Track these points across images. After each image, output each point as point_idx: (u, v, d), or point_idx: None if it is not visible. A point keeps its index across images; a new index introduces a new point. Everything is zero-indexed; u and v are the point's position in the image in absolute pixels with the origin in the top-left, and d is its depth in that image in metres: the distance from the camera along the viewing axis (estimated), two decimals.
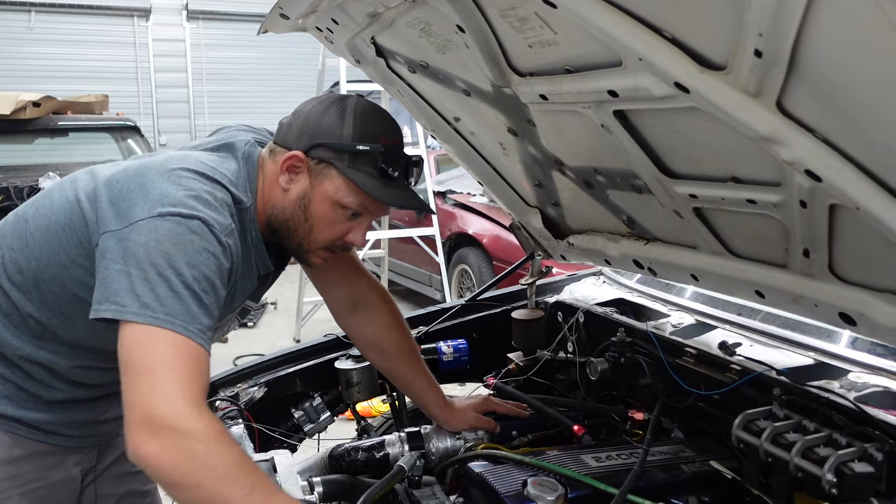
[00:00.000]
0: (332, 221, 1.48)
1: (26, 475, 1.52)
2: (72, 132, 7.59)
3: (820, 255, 1.33)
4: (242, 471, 1.19)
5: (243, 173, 1.47)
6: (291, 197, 1.47)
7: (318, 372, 2.15)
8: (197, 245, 1.29)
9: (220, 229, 1.33)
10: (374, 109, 1.49)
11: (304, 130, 1.45)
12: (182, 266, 1.26)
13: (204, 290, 1.28)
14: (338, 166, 1.43)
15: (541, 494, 1.42)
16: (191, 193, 1.33)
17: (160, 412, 1.16)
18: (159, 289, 1.23)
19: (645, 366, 1.88)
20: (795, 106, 1.05)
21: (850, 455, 1.31)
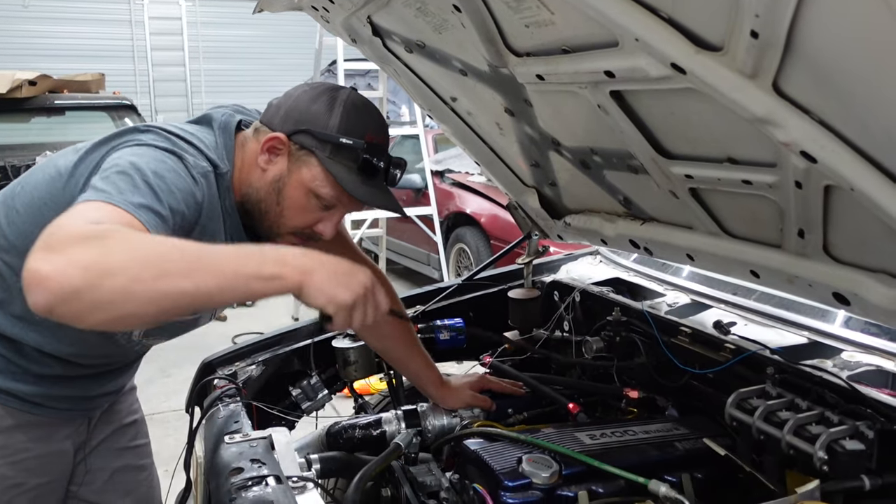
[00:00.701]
0: (303, 209, 1.46)
1: (15, 445, 1.54)
2: (68, 111, 7.55)
3: (814, 236, 1.34)
4: (172, 245, 1.12)
5: (220, 142, 1.46)
6: (267, 178, 1.45)
7: (316, 350, 2.15)
8: (169, 165, 1.30)
9: (193, 164, 1.34)
10: (365, 105, 1.48)
11: (290, 114, 1.44)
12: (148, 172, 1.25)
13: (166, 193, 1.25)
14: (318, 155, 1.42)
15: (535, 471, 1.44)
16: (167, 144, 1.34)
17: (53, 231, 1.06)
18: (119, 182, 1.21)
19: (640, 345, 1.89)
20: (791, 87, 1.05)
21: (842, 433, 1.33)
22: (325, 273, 1.16)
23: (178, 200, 1.29)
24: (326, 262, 1.17)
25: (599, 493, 1.45)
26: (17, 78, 6.91)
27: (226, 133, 1.48)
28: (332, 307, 1.17)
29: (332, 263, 1.18)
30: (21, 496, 1.56)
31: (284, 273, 1.13)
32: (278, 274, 1.12)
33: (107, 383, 1.69)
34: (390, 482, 1.64)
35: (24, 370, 1.52)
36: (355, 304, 1.18)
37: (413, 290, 2.49)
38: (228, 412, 1.77)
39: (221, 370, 2.04)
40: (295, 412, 2.10)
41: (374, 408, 2.23)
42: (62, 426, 1.63)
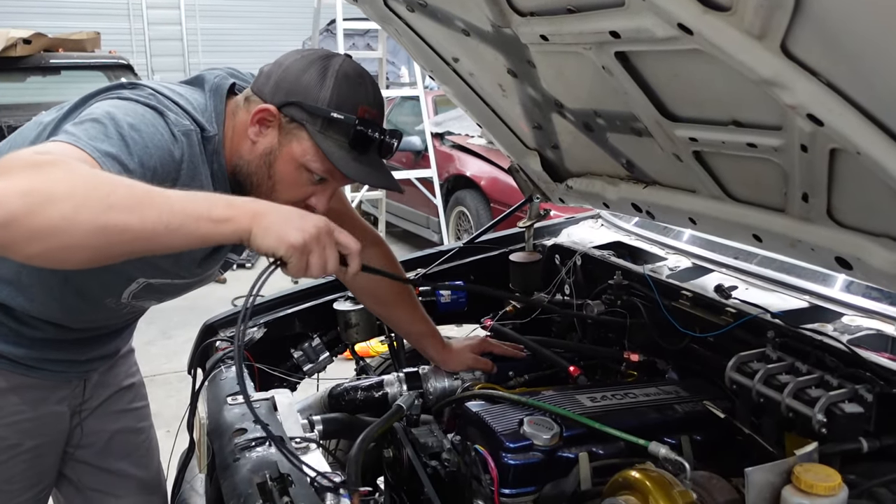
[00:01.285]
0: (295, 183, 1.42)
1: (9, 407, 1.54)
2: (64, 70, 7.47)
3: (819, 200, 1.33)
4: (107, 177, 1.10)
5: (210, 105, 1.42)
6: (258, 151, 1.41)
7: (317, 313, 2.16)
8: (147, 119, 1.27)
9: (175, 122, 1.30)
10: (359, 75, 1.41)
11: (280, 84, 1.39)
12: (123, 123, 1.22)
13: (139, 146, 1.22)
14: (309, 129, 1.37)
15: (536, 433, 1.46)
16: (150, 100, 1.31)
17: (13, 158, 1.04)
18: (90, 128, 1.20)
19: (641, 308, 1.90)
20: (800, 49, 1.04)
21: (841, 396, 1.34)
22: (277, 216, 1.14)
23: (151, 155, 1.23)
24: (279, 207, 1.16)
25: (600, 454, 1.47)
26: (12, 36, 6.83)
27: (217, 96, 1.43)
28: (283, 249, 1.14)
29: (285, 209, 1.16)
30: (17, 457, 1.58)
31: (234, 215, 1.11)
32: (228, 216, 1.11)
33: (100, 347, 1.69)
34: (392, 443, 1.65)
35: (16, 333, 1.51)
36: (308, 247, 1.16)
37: (413, 253, 2.49)
38: (231, 374, 1.78)
39: (223, 332, 2.05)
40: (296, 374, 2.12)
41: (375, 370, 2.24)
42: (57, 388, 1.63)
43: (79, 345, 1.62)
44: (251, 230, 1.12)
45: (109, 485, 1.81)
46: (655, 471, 1.31)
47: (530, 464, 1.43)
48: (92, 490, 1.80)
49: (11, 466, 1.57)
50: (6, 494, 1.57)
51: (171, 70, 12.86)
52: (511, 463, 1.42)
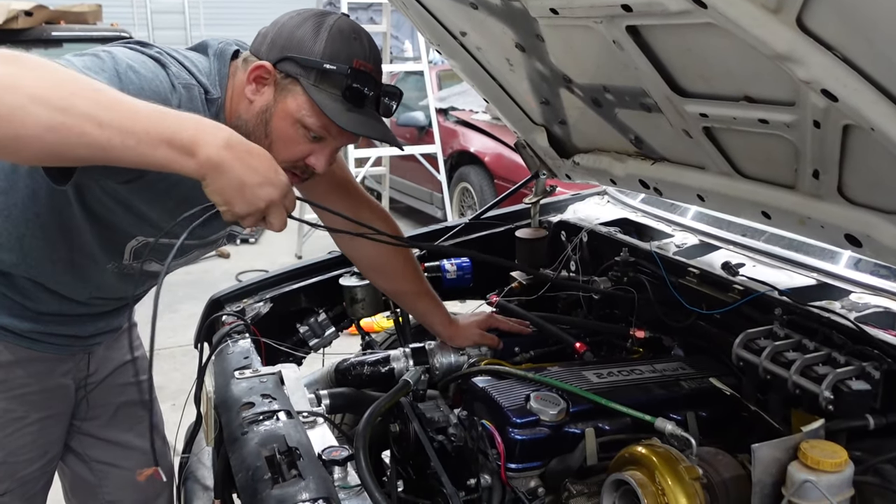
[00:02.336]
0: (292, 140, 1.40)
1: (15, 380, 1.55)
2: (66, 43, 7.40)
3: (830, 177, 1.33)
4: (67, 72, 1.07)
5: (214, 68, 1.42)
6: (255, 109, 1.40)
7: (323, 288, 2.16)
8: (148, 66, 1.27)
9: (176, 74, 1.30)
10: (353, 30, 1.40)
11: (275, 41, 1.38)
12: (121, 63, 1.23)
13: (133, 86, 1.22)
14: (303, 83, 1.35)
15: (543, 408, 1.46)
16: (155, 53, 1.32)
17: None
18: (88, 60, 1.21)
19: (648, 285, 1.89)
20: (816, 23, 1.03)
21: (848, 373, 1.34)
22: (232, 177, 1.10)
23: (146, 98, 1.16)
24: (242, 161, 1.11)
25: (606, 430, 1.48)
26: (13, 8, 6.76)
27: (221, 60, 1.43)
28: (228, 214, 1.14)
29: (248, 168, 1.11)
30: (23, 429, 1.59)
31: (197, 152, 1.07)
32: (191, 150, 1.07)
33: (105, 321, 1.69)
34: (399, 418, 1.66)
35: (21, 306, 1.52)
36: (251, 218, 1.16)
37: (416, 228, 2.49)
38: (238, 348, 1.79)
39: (229, 307, 2.05)
40: (302, 349, 2.12)
41: (380, 345, 2.25)
42: (61, 362, 1.64)
43: (83, 319, 1.63)
44: (205, 179, 1.10)
45: (115, 456, 1.83)
46: (662, 446, 1.32)
47: (537, 439, 1.43)
48: (97, 462, 1.82)
49: (17, 438, 1.58)
50: (12, 466, 1.58)
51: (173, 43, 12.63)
52: (517, 438, 1.43)
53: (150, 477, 1.89)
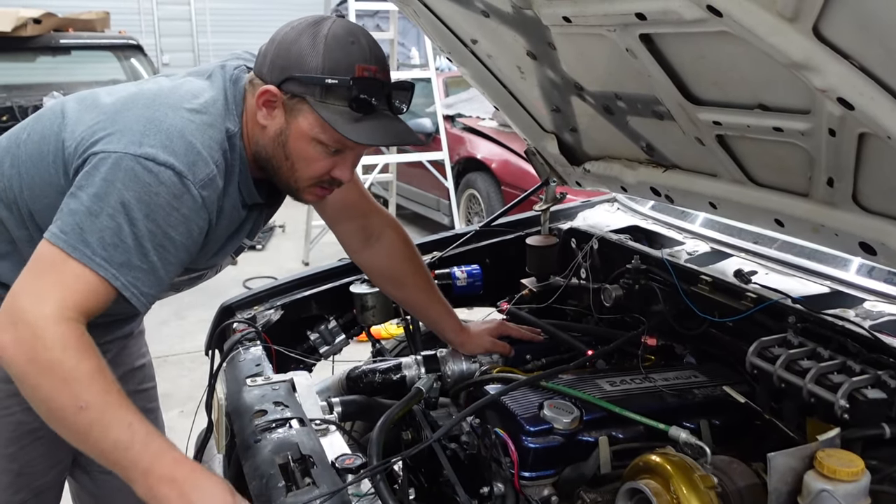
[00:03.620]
0: (312, 158, 1.40)
1: None
2: (74, 50, 7.45)
3: (844, 185, 1.32)
4: (82, 386, 1.19)
5: (230, 98, 1.40)
6: (269, 134, 1.40)
7: (334, 295, 2.16)
8: (163, 199, 1.25)
9: (194, 180, 1.28)
10: (349, 34, 1.36)
11: (276, 61, 1.36)
12: (139, 218, 1.24)
13: (158, 245, 1.26)
14: (310, 102, 1.34)
15: (556, 416, 1.46)
16: (173, 133, 1.28)
17: (25, 308, 1.19)
18: (105, 233, 1.23)
19: (659, 293, 1.89)
20: (832, 31, 1.02)
21: (864, 382, 1.34)
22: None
23: (175, 242, 1.28)
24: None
25: (620, 438, 1.47)
26: (22, 16, 6.80)
27: (236, 87, 1.42)
28: None
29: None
30: (37, 441, 1.59)
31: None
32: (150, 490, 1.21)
33: (116, 330, 1.70)
34: (411, 426, 1.66)
35: None
36: None
37: (424, 235, 2.49)
38: (250, 356, 1.79)
39: (240, 314, 2.06)
40: (313, 356, 2.12)
41: (390, 352, 2.24)
42: None
43: (96, 329, 1.62)
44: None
45: None
46: (676, 455, 1.32)
47: (550, 447, 1.43)
48: (101, 473, 1.82)
49: (32, 450, 1.58)
50: (28, 477, 1.59)
51: (180, 50, 12.82)
52: (531, 446, 1.42)
53: None
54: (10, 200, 1.44)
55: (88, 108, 1.38)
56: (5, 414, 1.53)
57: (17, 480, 1.56)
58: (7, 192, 1.44)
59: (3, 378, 1.50)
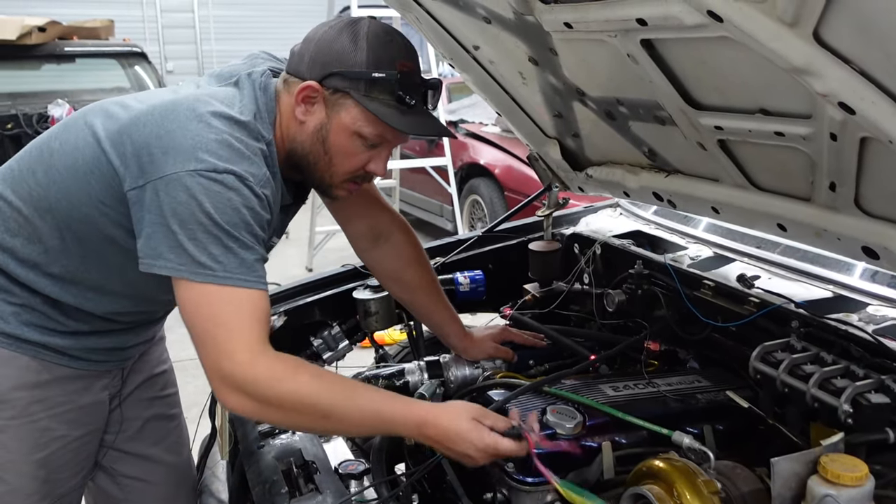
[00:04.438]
0: (351, 153, 1.45)
1: (55, 398, 1.56)
2: (79, 58, 7.47)
3: (846, 189, 1.32)
4: (312, 403, 1.29)
5: (262, 106, 1.43)
6: (308, 129, 1.43)
7: (337, 301, 2.17)
8: (235, 202, 1.29)
9: (254, 181, 1.33)
10: (388, 32, 1.43)
11: (316, 58, 1.40)
12: (224, 224, 1.28)
13: (251, 237, 1.32)
14: (354, 96, 1.38)
15: (559, 422, 1.46)
16: (223, 143, 1.31)
17: (227, 372, 1.27)
18: (211, 247, 1.27)
19: (662, 298, 1.89)
20: (833, 36, 1.03)
21: (867, 386, 1.33)
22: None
23: (258, 234, 1.34)
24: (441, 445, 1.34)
25: (623, 443, 1.47)
26: (27, 24, 6.83)
27: (266, 95, 1.44)
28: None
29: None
30: (65, 447, 1.59)
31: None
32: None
33: (142, 333, 1.70)
34: None
35: (62, 325, 1.53)
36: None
37: (427, 242, 2.49)
38: None
39: None
40: (316, 362, 2.12)
41: (393, 358, 2.25)
42: (99, 377, 1.64)
43: (122, 333, 1.64)
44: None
45: (142, 471, 1.82)
46: (679, 460, 1.31)
47: (553, 452, 1.43)
48: (125, 477, 1.81)
49: (60, 456, 1.59)
50: (53, 484, 1.59)
51: (184, 58, 12.85)
52: (534, 451, 1.42)
53: (176, 491, 1.90)
54: (45, 209, 1.45)
55: (126, 124, 1.37)
56: (30, 421, 1.53)
57: (43, 487, 1.56)
58: (42, 202, 1.45)
59: (25, 385, 1.52)
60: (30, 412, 1.53)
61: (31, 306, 1.51)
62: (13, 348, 1.50)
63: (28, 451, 1.54)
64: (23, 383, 1.52)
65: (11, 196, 1.48)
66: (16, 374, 1.51)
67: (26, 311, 1.50)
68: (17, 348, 1.50)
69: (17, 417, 1.52)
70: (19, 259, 1.48)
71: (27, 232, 1.47)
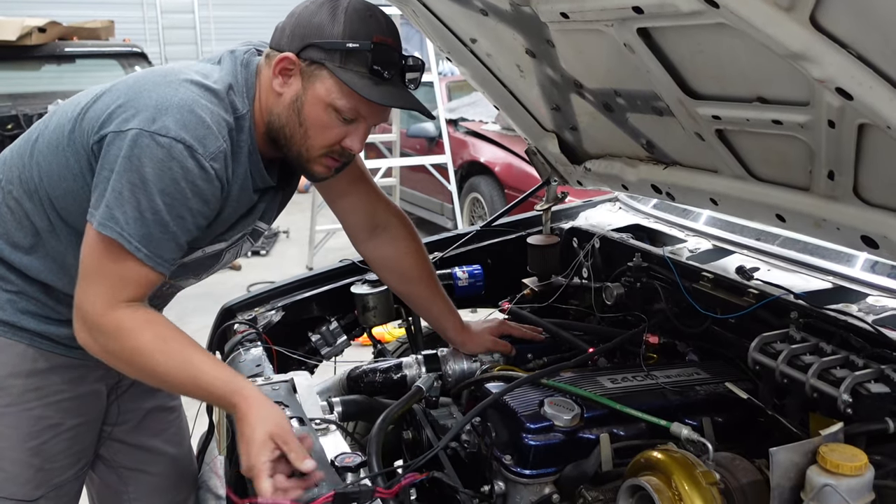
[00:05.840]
0: (326, 125, 1.44)
1: (50, 387, 1.57)
2: (79, 59, 7.49)
3: (845, 178, 1.31)
4: (150, 358, 1.35)
5: (241, 80, 1.45)
6: (285, 101, 1.44)
7: (335, 296, 2.16)
8: (176, 172, 1.32)
9: (204, 153, 1.34)
10: (368, 8, 1.43)
11: (295, 31, 1.42)
12: (154, 192, 1.31)
13: (175, 216, 1.34)
14: (329, 67, 1.39)
15: (557, 414, 1.45)
16: (184, 107, 1.34)
17: (84, 311, 1.36)
18: (127, 206, 1.31)
19: (661, 291, 1.88)
20: (829, 21, 1.02)
21: (867, 376, 1.32)
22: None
23: (192, 213, 1.37)
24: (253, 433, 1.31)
25: (621, 435, 1.46)
26: (27, 25, 6.84)
27: (247, 70, 1.47)
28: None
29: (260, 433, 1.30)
30: (59, 436, 1.60)
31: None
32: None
33: None
34: (412, 425, 1.66)
35: (56, 312, 1.54)
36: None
37: (430, 237, 2.48)
38: (250, 356, 1.79)
39: (241, 315, 2.06)
40: (314, 357, 2.12)
41: (392, 354, 2.24)
42: (94, 368, 1.64)
43: None
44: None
45: (143, 462, 1.83)
46: (678, 451, 1.30)
47: (551, 445, 1.42)
48: (125, 468, 1.82)
49: (53, 445, 1.59)
50: (48, 472, 1.59)
51: (184, 58, 12.80)
52: (531, 444, 1.41)
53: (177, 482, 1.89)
54: (32, 190, 1.49)
55: (102, 93, 1.45)
56: (24, 409, 1.54)
57: (37, 475, 1.57)
58: (29, 183, 1.49)
59: (21, 373, 1.53)
60: (25, 400, 1.54)
61: (26, 294, 1.53)
62: (9, 336, 1.52)
63: (22, 438, 1.55)
64: (19, 371, 1.53)
65: (4, 181, 1.53)
66: (12, 362, 1.53)
67: (22, 299, 1.53)
68: (14, 336, 1.52)
69: (13, 405, 1.53)
70: (13, 244, 1.52)
71: (19, 215, 1.51)
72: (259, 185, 1.52)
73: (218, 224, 1.49)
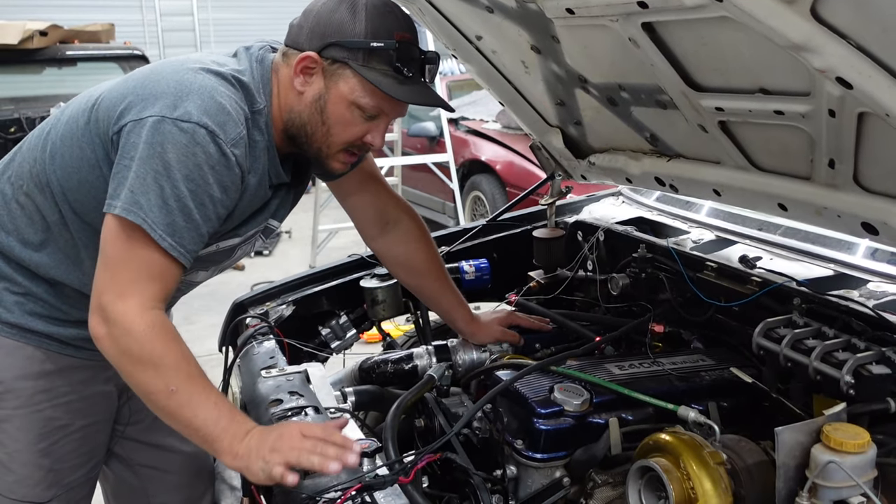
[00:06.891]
0: (349, 123, 1.45)
1: (59, 388, 1.58)
2: (80, 62, 7.50)
3: (846, 166, 1.35)
4: (171, 373, 1.31)
5: (257, 75, 1.46)
6: (307, 100, 1.45)
7: (344, 291, 2.19)
8: (199, 158, 1.32)
9: (225, 139, 1.34)
10: (386, 4, 1.44)
11: (315, 30, 1.41)
12: (178, 179, 1.31)
13: (199, 204, 1.33)
14: (352, 66, 1.40)
15: (567, 399, 1.48)
16: (205, 93, 1.34)
17: (110, 307, 1.30)
18: (151, 194, 1.30)
19: (665, 281, 1.91)
20: (830, 12, 1.05)
21: (869, 358, 1.36)
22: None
23: (214, 200, 1.36)
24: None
25: (629, 420, 1.50)
26: (28, 28, 6.85)
27: (263, 66, 1.47)
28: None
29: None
30: (68, 437, 1.61)
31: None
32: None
33: None
34: (424, 413, 1.69)
35: (65, 314, 1.55)
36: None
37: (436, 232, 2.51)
38: (264, 349, 1.82)
39: (253, 310, 2.09)
40: (324, 350, 2.15)
41: (401, 347, 2.27)
42: (103, 369, 1.64)
43: None
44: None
45: (159, 460, 1.84)
46: (686, 433, 1.34)
47: (561, 429, 1.45)
48: (142, 466, 1.83)
49: (63, 446, 1.60)
50: (59, 473, 1.60)
51: None
52: (542, 428, 1.45)
53: (194, 478, 1.90)
54: (44, 183, 1.49)
55: (118, 84, 1.45)
56: (34, 410, 1.55)
57: (48, 476, 1.58)
58: (41, 176, 1.49)
59: (30, 375, 1.53)
60: (34, 402, 1.55)
61: (33, 295, 1.53)
62: (18, 338, 1.53)
63: (32, 440, 1.55)
64: (28, 373, 1.53)
65: (14, 178, 1.53)
66: (20, 364, 1.53)
67: (29, 301, 1.53)
68: (22, 338, 1.53)
69: (22, 407, 1.54)
70: (24, 241, 1.51)
71: (30, 210, 1.51)
72: (274, 181, 1.53)
73: (233, 218, 1.50)
